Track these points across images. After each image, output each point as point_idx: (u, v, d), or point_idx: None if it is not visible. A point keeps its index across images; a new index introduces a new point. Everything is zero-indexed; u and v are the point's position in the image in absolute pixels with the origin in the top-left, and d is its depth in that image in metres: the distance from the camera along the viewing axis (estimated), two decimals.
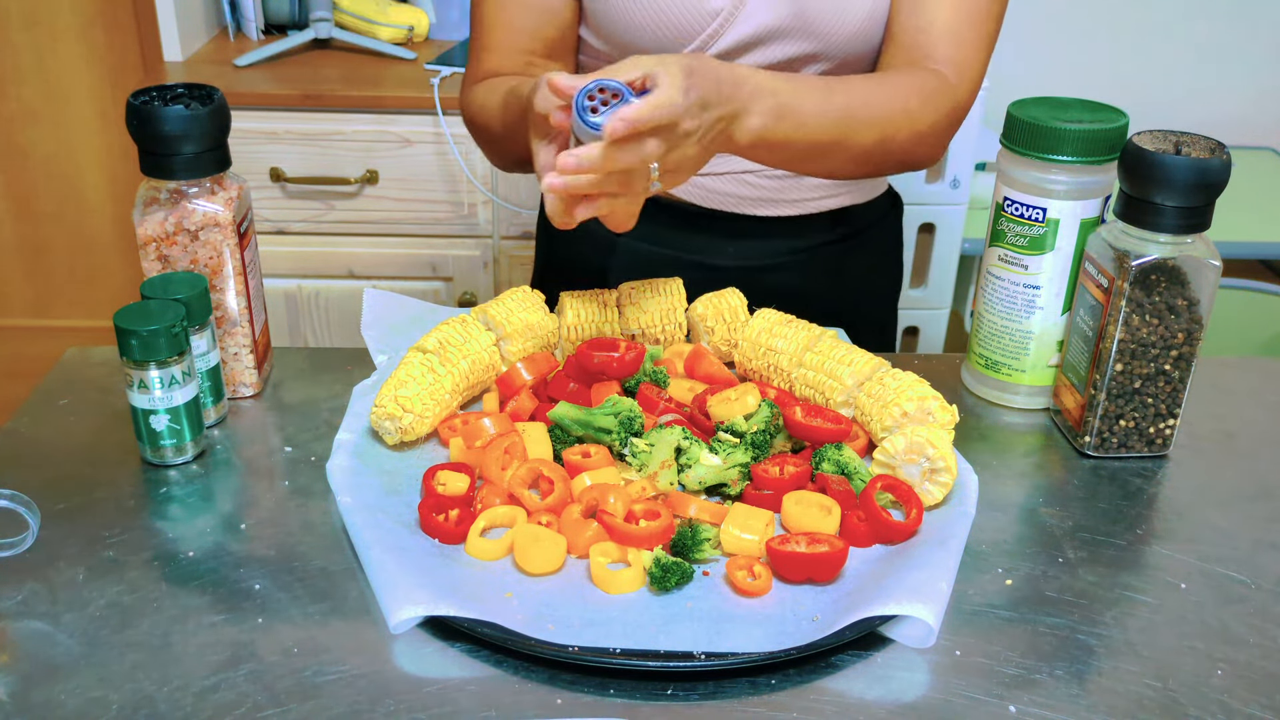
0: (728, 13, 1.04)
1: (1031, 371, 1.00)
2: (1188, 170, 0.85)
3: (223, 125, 0.91)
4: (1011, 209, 0.96)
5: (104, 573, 0.78)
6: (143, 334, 0.83)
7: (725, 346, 1.01)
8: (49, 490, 0.86)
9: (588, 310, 1.00)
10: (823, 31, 1.06)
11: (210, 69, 2.04)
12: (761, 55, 1.07)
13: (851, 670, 0.72)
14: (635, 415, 0.87)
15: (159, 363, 0.85)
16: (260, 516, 0.84)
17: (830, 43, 1.06)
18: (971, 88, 1.06)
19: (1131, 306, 0.89)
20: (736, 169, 1.13)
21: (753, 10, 1.04)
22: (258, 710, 0.67)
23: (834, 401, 0.93)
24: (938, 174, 2.08)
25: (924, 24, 1.05)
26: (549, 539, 0.79)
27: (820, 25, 1.06)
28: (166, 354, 0.85)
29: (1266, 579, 0.81)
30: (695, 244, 1.16)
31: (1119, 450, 0.94)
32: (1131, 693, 0.71)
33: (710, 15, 1.04)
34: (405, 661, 0.71)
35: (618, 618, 0.74)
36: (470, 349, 0.94)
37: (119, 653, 0.71)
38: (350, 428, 0.91)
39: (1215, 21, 2.47)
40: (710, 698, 0.70)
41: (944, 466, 0.84)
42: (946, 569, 0.77)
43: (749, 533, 0.79)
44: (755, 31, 1.05)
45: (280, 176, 1.98)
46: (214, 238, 0.92)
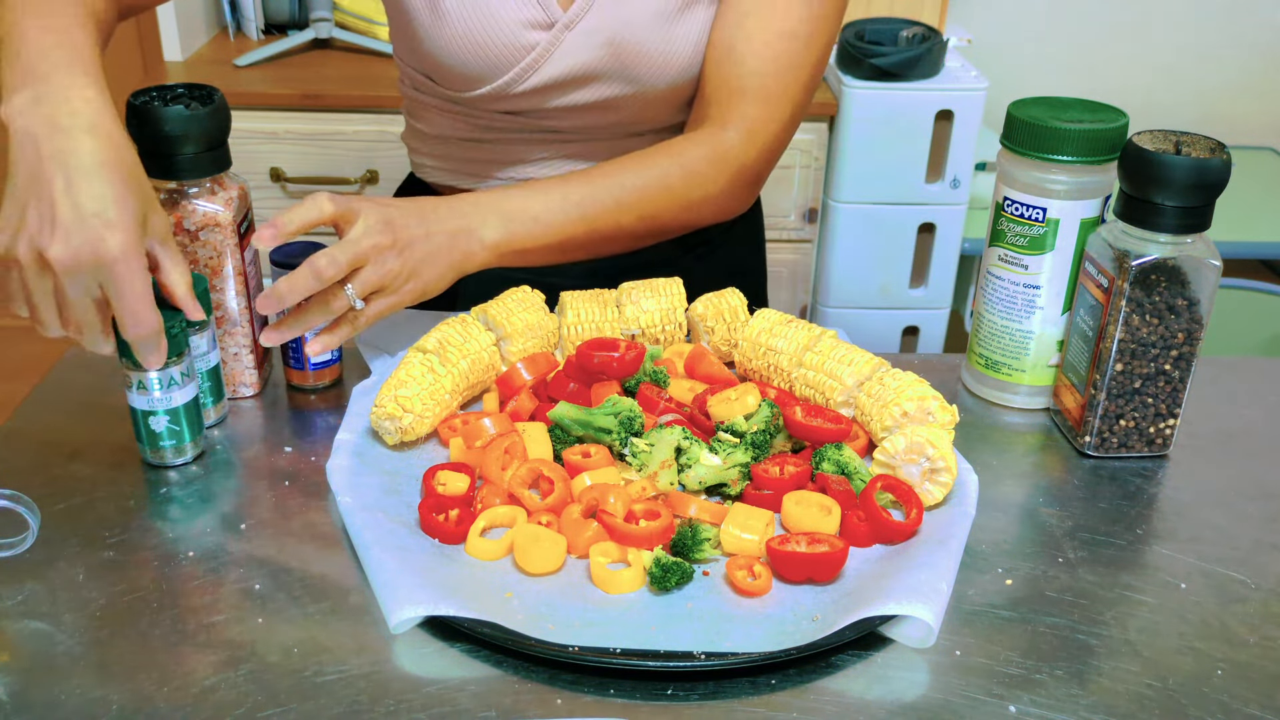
0: (542, 49, 1.03)
1: (1031, 371, 1.00)
2: (1188, 170, 0.85)
3: (223, 125, 0.91)
4: (1011, 209, 0.96)
5: (104, 573, 0.78)
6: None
7: (725, 346, 1.01)
8: (49, 490, 0.86)
9: (588, 310, 1.00)
10: (639, 75, 1.05)
11: (210, 69, 2.04)
12: (578, 95, 1.06)
13: (851, 670, 0.72)
14: (635, 415, 0.87)
15: None
16: (260, 516, 0.84)
17: (647, 85, 1.06)
18: (764, 150, 1.06)
19: (1131, 306, 0.89)
20: None
21: (569, 49, 1.03)
22: (258, 710, 0.67)
23: (834, 401, 0.93)
24: (938, 174, 2.08)
25: (728, 77, 1.04)
26: (549, 539, 0.79)
27: (637, 69, 1.05)
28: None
29: (1266, 579, 0.81)
30: None
31: (1119, 450, 0.94)
32: (1131, 693, 0.71)
33: (525, 49, 1.03)
34: (405, 661, 0.71)
35: (618, 618, 0.74)
36: (470, 349, 0.94)
37: (119, 653, 0.71)
38: (350, 428, 0.91)
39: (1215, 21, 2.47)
40: (710, 698, 0.70)
41: (944, 466, 0.84)
42: (946, 569, 0.77)
43: (749, 533, 0.79)
44: (570, 70, 1.04)
45: (280, 176, 1.98)
46: (214, 238, 0.92)
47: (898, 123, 2.03)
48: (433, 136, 1.16)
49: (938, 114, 2.03)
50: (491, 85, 1.06)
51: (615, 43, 1.03)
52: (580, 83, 1.06)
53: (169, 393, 0.86)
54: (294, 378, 1.00)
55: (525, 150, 1.13)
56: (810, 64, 1.05)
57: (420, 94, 1.14)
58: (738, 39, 1.03)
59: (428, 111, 1.15)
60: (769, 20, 1.02)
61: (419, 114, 1.17)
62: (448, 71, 1.07)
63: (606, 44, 1.03)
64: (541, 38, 1.03)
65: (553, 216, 0.98)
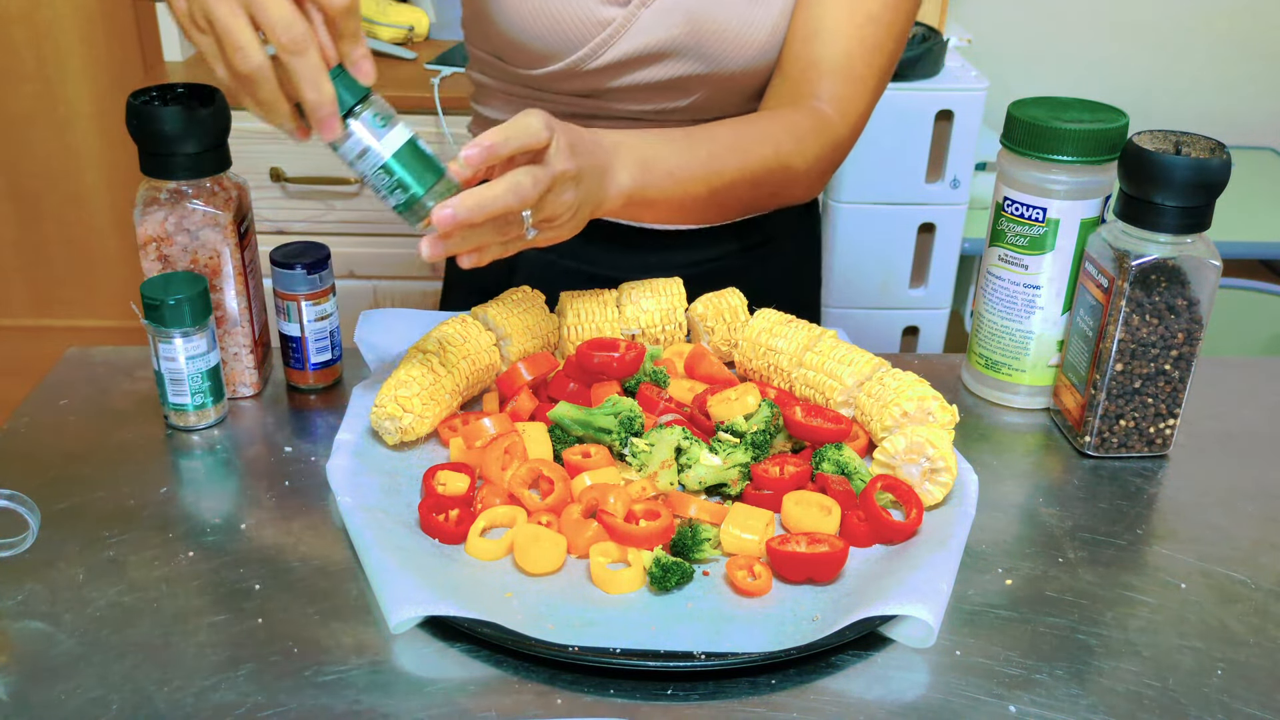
0: (619, 24, 1.02)
1: (1031, 371, 1.00)
2: (1188, 170, 0.85)
3: (223, 125, 0.91)
4: (1011, 209, 0.96)
5: (104, 573, 0.78)
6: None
7: (725, 346, 1.01)
8: (49, 490, 0.86)
9: (588, 310, 1.00)
10: (715, 55, 1.04)
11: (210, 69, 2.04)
12: (650, 72, 1.05)
13: (851, 670, 0.72)
14: (635, 415, 0.87)
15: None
16: (260, 516, 0.84)
17: (721, 66, 1.05)
18: (855, 125, 1.05)
19: (1131, 306, 0.89)
20: None
21: (645, 25, 1.02)
22: (258, 710, 0.67)
23: (834, 401, 0.93)
24: (938, 174, 2.08)
25: (815, 58, 1.03)
26: (549, 539, 0.79)
27: (714, 49, 1.04)
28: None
29: (1266, 579, 0.81)
30: (602, 257, 1.14)
31: (1119, 450, 0.94)
32: (1131, 693, 0.71)
33: (601, 24, 1.02)
34: (405, 661, 0.71)
35: (618, 618, 0.74)
36: (470, 349, 0.94)
37: (119, 653, 0.71)
38: (350, 428, 0.91)
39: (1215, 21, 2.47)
40: (710, 698, 0.70)
41: (944, 466, 0.84)
42: (946, 569, 0.77)
43: (749, 533, 0.79)
44: (646, 45, 1.03)
45: (280, 176, 1.98)
46: (214, 238, 0.92)
47: (898, 123, 2.03)
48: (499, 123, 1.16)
49: (938, 114, 2.03)
50: (564, 61, 1.04)
51: (693, 20, 1.03)
52: (653, 59, 1.04)
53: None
54: (294, 378, 1.00)
55: None
56: (890, 49, 1.05)
57: (489, 78, 1.14)
58: (824, 20, 1.03)
59: (496, 97, 1.14)
60: (853, 3, 1.03)
61: (487, 100, 1.16)
62: (520, 48, 1.05)
63: (684, 21, 1.03)
64: (618, 13, 1.02)
65: (684, 172, 0.95)
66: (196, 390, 0.92)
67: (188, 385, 0.92)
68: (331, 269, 0.98)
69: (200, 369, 0.91)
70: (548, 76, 1.06)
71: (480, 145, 0.77)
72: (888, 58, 1.05)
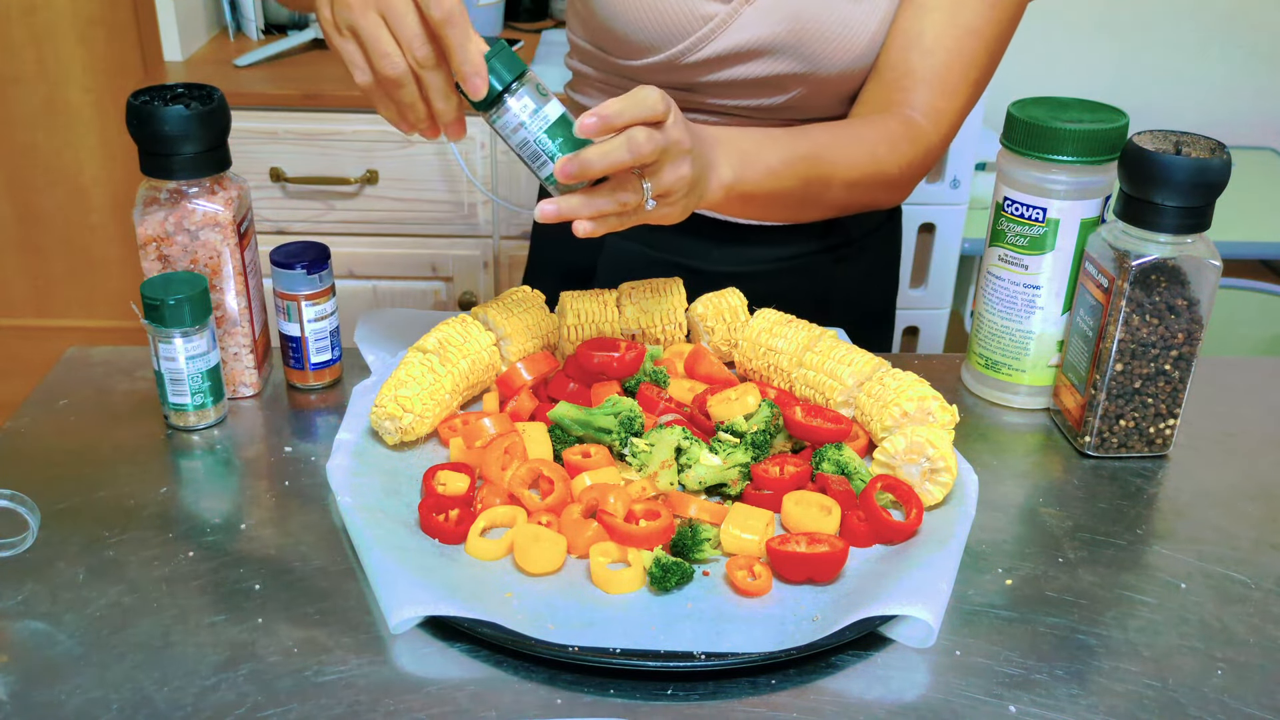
0: (721, 18, 1.03)
1: (1031, 371, 1.00)
2: (1188, 170, 0.85)
3: (223, 125, 0.91)
4: (1011, 209, 0.96)
5: (104, 573, 0.78)
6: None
7: (725, 346, 1.01)
8: (49, 490, 0.86)
9: (588, 310, 1.00)
10: (815, 55, 1.05)
11: (210, 69, 2.04)
12: (748, 69, 1.06)
13: (851, 670, 0.72)
14: (635, 415, 0.87)
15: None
16: (260, 516, 0.84)
17: (820, 67, 1.05)
18: (946, 134, 1.06)
19: (1131, 306, 0.89)
20: None
21: (747, 21, 1.03)
22: (258, 710, 0.67)
23: (834, 401, 0.93)
24: (938, 174, 2.08)
25: (912, 67, 1.04)
26: (549, 539, 0.79)
27: (814, 49, 1.04)
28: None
29: (1266, 579, 0.81)
30: (686, 247, 1.16)
31: (1119, 450, 0.94)
32: (1131, 693, 0.71)
33: (703, 19, 1.03)
34: (405, 661, 0.71)
35: (618, 618, 0.74)
36: (470, 349, 0.94)
37: (119, 653, 0.71)
38: (350, 428, 0.91)
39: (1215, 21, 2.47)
40: (710, 698, 0.70)
41: (944, 466, 0.84)
42: (946, 569, 0.77)
43: (749, 533, 0.79)
44: (747, 42, 1.04)
45: (280, 176, 1.98)
46: (214, 238, 0.92)
47: None
48: None
49: None
50: (664, 54, 1.05)
51: (795, 19, 1.03)
52: (752, 56, 1.05)
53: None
54: (294, 378, 1.00)
55: None
56: (985, 64, 1.06)
57: (588, 67, 1.15)
58: (925, 29, 1.04)
59: (592, 86, 1.16)
60: (955, 15, 1.04)
61: (584, 90, 1.17)
62: (620, 39, 1.06)
63: (786, 19, 1.03)
64: (720, 9, 1.03)
65: (783, 169, 0.95)
66: (196, 390, 0.92)
67: (188, 385, 0.92)
68: (331, 269, 0.98)
69: (200, 369, 0.91)
70: (646, 69, 1.07)
71: (598, 115, 0.78)
72: (983, 72, 1.07)
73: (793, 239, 1.16)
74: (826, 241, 1.18)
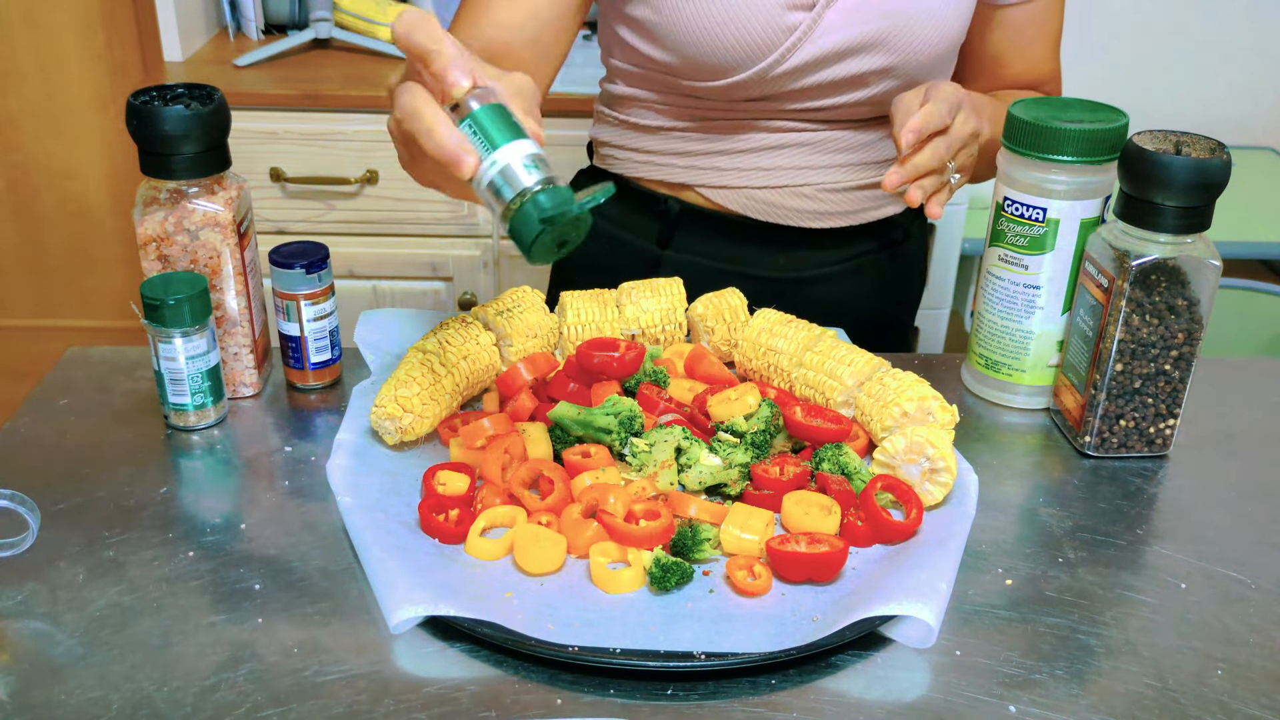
0: (805, 28, 1.01)
1: (1031, 371, 1.00)
2: (1188, 170, 0.85)
3: (223, 125, 0.91)
4: (1011, 209, 0.96)
5: (104, 573, 0.78)
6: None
7: (725, 346, 1.01)
8: (49, 490, 0.86)
9: (588, 310, 1.00)
10: (905, 47, 1.03)
11: (210, 69, 2.04)
12: (833, 70, 1.04)
13: (851, 670, 0.72)
14: (635, 415, 0.87)
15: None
16: (260, 516, 0.84)
17: (909, 58, 1.04)
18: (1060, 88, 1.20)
19: (1131, 306, 0.89)
20: (794, 182, 1.11)
21: (832, 25, 1.01)
22: (258, 710, 0.67)
23: (834, 401, 0.93)
24: None
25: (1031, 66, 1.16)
26: (549, 539, 0.79)
27: (904, 41, 1.03)
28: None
29: (1266, 579, 0.81)
30: (744, 255, 1.14)
31: (1119, 450, 0.94)
32: (1131, 693, 0.71)
33: (787, 30, 1.00)
34: (405, 661, 0.71)
35: (618, 618, 0.74)
36: (470, 349, 0.94)
37: (119, 653, 0.71)
38: (350, 428, 0.91)
39: (1215, 21, 2.47)
40: (710, 698, 0.70)
41: (944, 466, 0.84)
42: (946, 569, 0.77)
43: (749, 533, 0.79)
44: (833, 46, 1.02)
45: (280, 176, 1.98)
46: (214, 238, 0.92)
47: None
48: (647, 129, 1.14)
49: None
50: (748, 72, 1.03)
51: (884, 15, 1.02)
52: (839, 57, 1.03)
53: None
54: (294, 377, 1.00)
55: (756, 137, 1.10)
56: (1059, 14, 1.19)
57: (641, 91, 1.11)
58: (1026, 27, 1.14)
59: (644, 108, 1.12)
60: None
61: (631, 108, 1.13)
62: (697, 63, 1.03)
63: (875, 16, 1.02)
64: (804, 17, 1.01)
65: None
66: (196, 390, 0.92)
67: (187, 385, 0.92)
68: (331, 269, 0.98)
69: (200, 369, 0.91)
70: (725, 88, 1.05)
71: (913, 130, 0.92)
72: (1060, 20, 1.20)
73: (850, 241, 1.16)
74: (880, 241, 1.19)
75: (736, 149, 1.11)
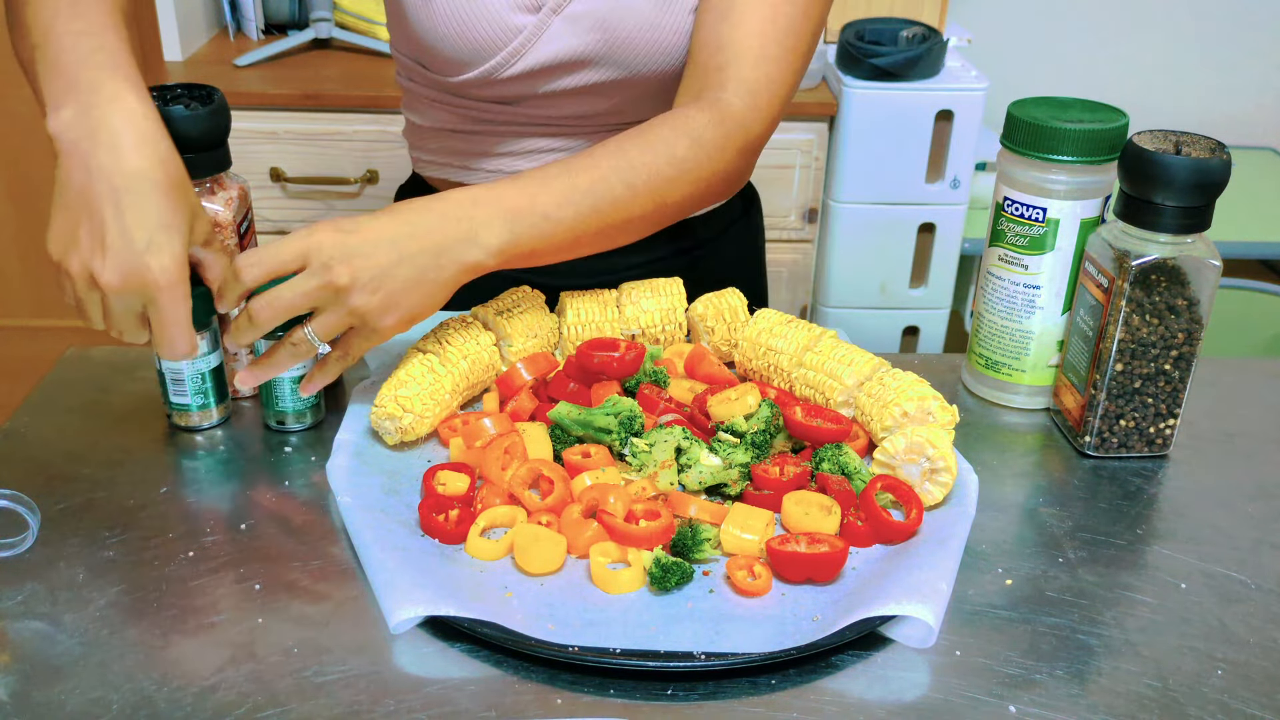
0: (530, 32, 1.01)
1: (1031, 371, 1.00)
2: (1188, 170, 0.85)
3: (223, 125, 0.91)
4: (1011, 209, 0.96)
5: (104, 573, 0.78)
6: None
7: (725, 346, 1.01)
8: (49, 490, 0.86)
9: (588, 310, 1.00)
10: (628, 60, 1.04)
11: (210, 69, 2.04)
12: (568, 80, 1.05)
13: (851, 670, 0.72)
14: (635, 415, 0.87)
15: None
16: (260, 516, 0.84)
17: (635, 71, 1.04)
18: (768, 115, 0.99)
19: (1131, 306, 0.89)
20: None
21: (557, 32, 1.02)
22: (258, 710, 0.67)
23: (834, 401, 0.93)
24: (938, 174, 2.08)
25: (724, 40, 0.98)
26: (549, 539, 0.79)
27: (626, 54, 1.03)
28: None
29: (1266, 579, 0.81)
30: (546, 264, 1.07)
31: (1119, 450, 0.94)
32: (1131, 693, 0.71)
33: (513, 31, 1.02)
34: (405, 661, 0.71)
35: (618, 618, 0.74)
36: (470, 349, 0.94)
37: (119, 653, 0.71)
38: (350, 428, 0.91)
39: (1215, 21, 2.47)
40: (710, 698, 0.70)
41: (944, 466, 0.84)
42: (946, 569, 0.77)
43: (749, 533, 0.79)
44: (560, 54, 1.02)
45: (280, 176, 1.98)
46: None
47: (898, 123, 2.03)
48: (426, 129, 1.16)
49: (938, 114, 2.03)
50: (479, 69, 1.04)
51: (605, 27, 1.02)
52: (569, 68, 1.04)
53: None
54: None
55: (516, 142, 1.12)
56: (808, 31, 1.00)
57: (414, 84, 1.14)
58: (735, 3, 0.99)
59: (421, 103, 1.14)
60: None
61: (414, 105, 1.16)
62: (436, 55, 1.05)
63: (595, 28, 1.02)
64: (529, 21, 1.02)
65: (562, 212, 0.89)
66: (198, 390, 0.92)
67: (189, 385, 0.92)
68: None
69: (202, 369, 0.91)
70: (465, 84, 1.06)
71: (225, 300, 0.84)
72: (806, 42, 1.00)
73: (639, 247, 1.04)
74: (677, 245, 1.16)
75: (499, 152, 1.12)
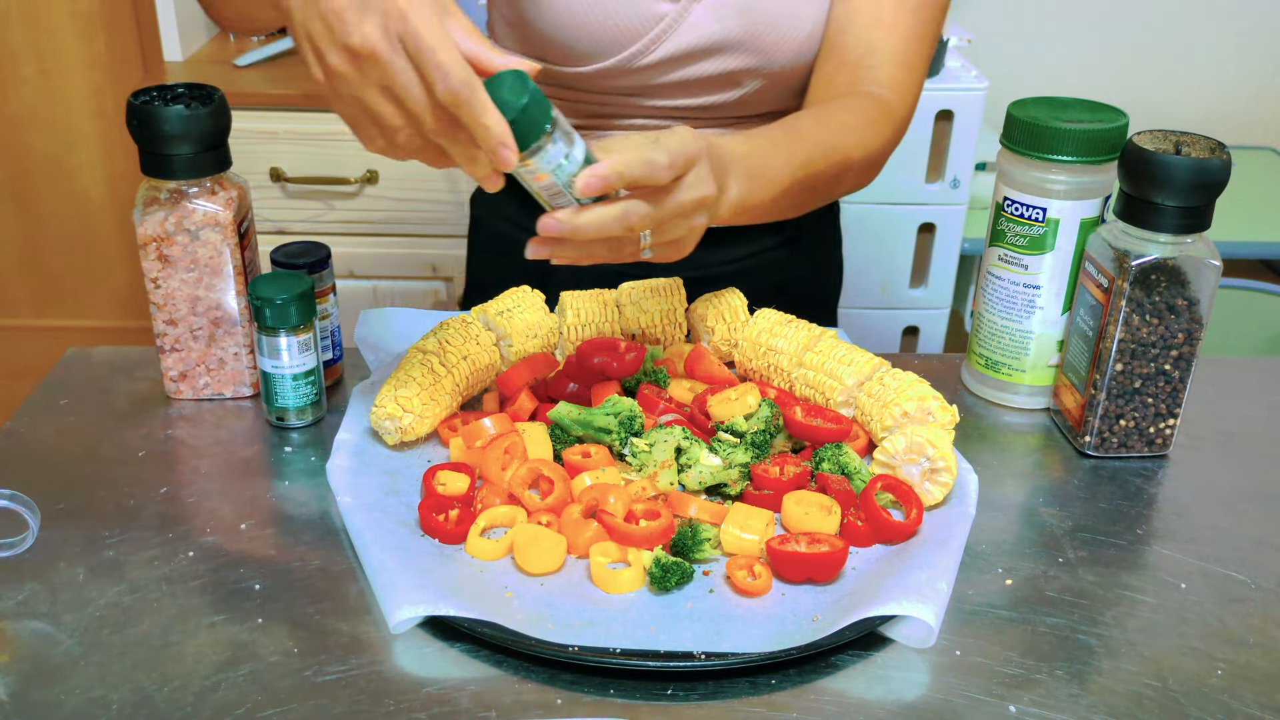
0: (672, 18, 1.02)
1: (1031, 371, 1.00)
2: (1188, 170, 0.85)
3: (223, 125, 0.91)
4: (1011, 209, 0.96)
5: (104, 573, 0.78)
6: (276, 302, 0.89)
7: (725, 346, 1.01)
8: (49, 490, 0.86)
9: (588, 310, 1.00)
10: (767, 48, 1.04)
11: (210, 69, 2.04)
12: (700, 67, 1.05)
13: (851, 670, 0.72)
14: (635, 415, 0.87)
15: (290, 329, 0.90)
16: (260, 516, 0.84)
17: (771, 60, 1.05)
18: (912, 108, 1.06)
19: (1131, 306, 0.89)
20: None
21: (698, 19, 1.02)
22: (258, 710, 0.67)
23: (834, 401, 0.93)
24: (938, 174, 2.08)
25: (875, 44, 1.04)
26: (549, 539, 0.79)
27: (766, 42, 1.04)
28: (298, 321, 0.90)
29: (1266, 579, 0.81)
30: None
31: (1119, 450, 0.94)
32: (1131, 693, 0.71)
33: (654, 19, 1.02)
34: (405, 661, 0.71)
35: (618, 618, 0.74)
36: (470, 349, 0.94)
37: (119, 653, 0.71)
38: (350, 428, 0.91)
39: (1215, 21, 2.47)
40: (710, 698, 0.70)
41: (944, 466, 0.84)
42: (946, 569, 0.77)
43: (749, 533, 0.79)
44: (699, 41, 1.03)
45: (280, 176, 1.98)
46: (214, 238, 0.92)
47: None
48: None
49: (938, 114, 2.03)
50: (614, 59, 1.04)
51: (745, 13, 1.03)
52: (705, 54, 1.04)
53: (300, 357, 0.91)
54: None
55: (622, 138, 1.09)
56: (934, 35, 1.07)
57: None
58: (886, 5, 1.04)
59: None
60: None
61: None
62: (565, 47, 1.04)
63: (736, 14, 1.03)
64: (671, 8, 1.02)
65: (781, 176, 0.92)
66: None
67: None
68: (332, 269, 0.98)
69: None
70: (591, 74, 1.06)
71: (599, 176, 0.74)
72: (932, 43, 1.07)
73: (745, 240, 1.14)
74: (778, 239, 1.18)
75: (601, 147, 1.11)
